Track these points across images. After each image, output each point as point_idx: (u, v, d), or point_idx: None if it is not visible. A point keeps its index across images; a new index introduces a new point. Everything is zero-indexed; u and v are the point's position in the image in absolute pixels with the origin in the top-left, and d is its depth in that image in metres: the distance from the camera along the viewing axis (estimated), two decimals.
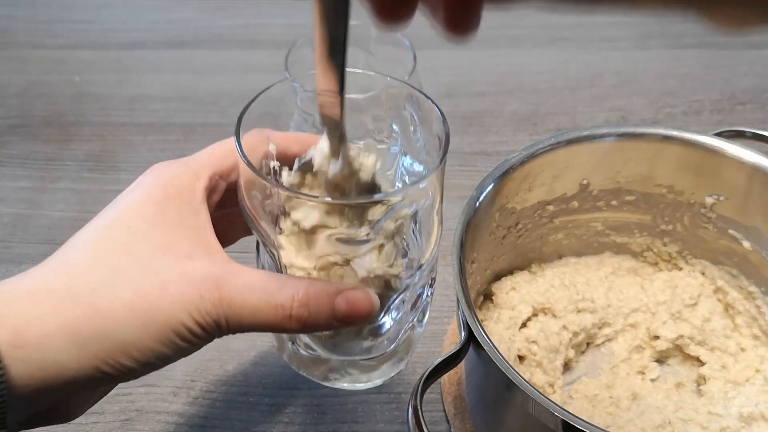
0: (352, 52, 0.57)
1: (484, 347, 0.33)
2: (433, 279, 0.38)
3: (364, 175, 0.30)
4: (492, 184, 0.41)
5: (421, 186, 0.31)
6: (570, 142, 0.43)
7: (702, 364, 0.45)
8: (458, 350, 0.34)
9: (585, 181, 0.46)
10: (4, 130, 0.68)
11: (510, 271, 0.49)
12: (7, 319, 0.26)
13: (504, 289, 0.46)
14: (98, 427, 0.46)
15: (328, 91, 0.27)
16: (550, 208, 0.46)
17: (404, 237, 0.33)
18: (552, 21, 0.82)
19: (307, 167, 0.31)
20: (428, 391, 0.46)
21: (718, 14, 0.23)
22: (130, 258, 0.28)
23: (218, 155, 0.32)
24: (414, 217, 0.33)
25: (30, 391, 0.26)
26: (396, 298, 0.34)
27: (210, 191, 0.32)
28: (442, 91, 0.72)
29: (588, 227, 0.49)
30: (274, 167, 0.34)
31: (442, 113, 0.33)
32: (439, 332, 0.51)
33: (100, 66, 0.76)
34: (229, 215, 0.34)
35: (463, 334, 0.35)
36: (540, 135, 0.67)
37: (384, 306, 0.34)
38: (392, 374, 0.41)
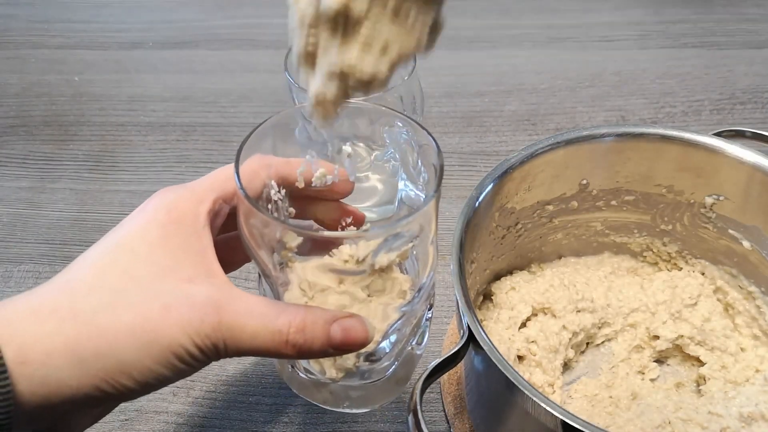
0: None
1: (484, 347, 0.33)
2: (431, 303, 0.38)
3: (380, 261, 0.31)
4: (491, 184, 0.41)
5: (410, 219, 0.31)
6: (569, 142, 0.43)
7: (702, 364, 0.45)
8: (458, 350, 0.34)
9: (584, 181, 0.46)
10: (4, 130, 0.68)
11: (509, 271, 0.49)
12: (12, 337, 0.26)
13: (503, 289, 0.46)
14: (98, 426, 0.45)
15: None
16: (550, 208, 0.46)
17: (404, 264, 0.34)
18: (552, 21, 0.82)
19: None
20: (428, 391, 0.46)
21: None
22: (132, 280, 0.29)
23: (221, 179, 0.33)
24: (412, 247, 0.33)
25: (31, 408, 0.27)
26: (395, 323, 0.34)
27: (213, 215, 0.32)
28: (441, 91, 0.72)
29: (587, 227, 0.49)
30: (273, 195, 0.34)
31: (437, 145, 0.33)
32: (439, 332, 0.51)
33: (99, 66, 0.76)
34: (233, 239, 0.34)
35: (462, 334, 0.34)
36: (539, 135, 0.67)
37: (383, 331, 0.34)
38: (392, 397, 0.41)
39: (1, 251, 0.57)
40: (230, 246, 0.34)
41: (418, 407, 0.32)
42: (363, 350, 0.32)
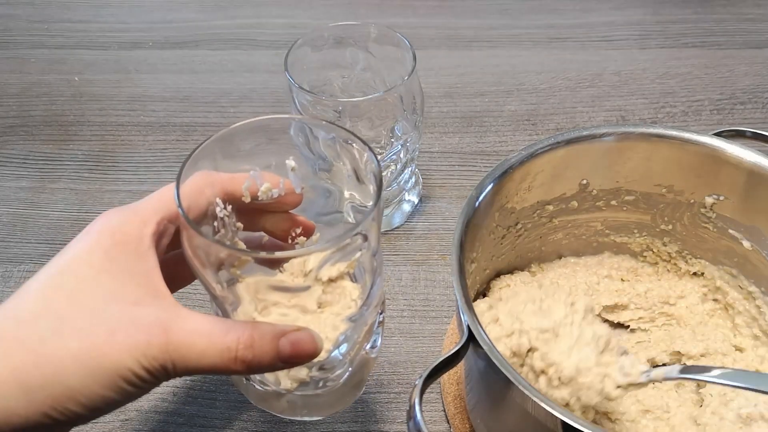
0: (352, 52, 0.58)
1: (484, 347, 0.33)
2: (382, 310, 0.38)
3: (327, 273, 0.32)
4: (491, 184, 0.41)
5: (348, 239, 0.31)
6: (569, 142, 0.43)
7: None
8: (458, 350, 0.34)
9: (584, 181, 0.46)
10: (4, 130, 0.68)
11: (510, 271, 0.49)
12: None
13: (499, 289, 0.46)
14: (98, 427, 0.46)
15: None
16: (550, 207, 0.46)
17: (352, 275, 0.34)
18: (552, 21, 0.82)
19: None
20: (428, 390, 0.46)
21: None
22: (77, 306, 0.29)
23: (166, 199, 0.33)
24: (360, 256, 0.33)
25: None
26: (346, 332, 0.34)
27: (158, 236, 0.32)
28: (441, 91, 0.72)
29: (587, 227, 0.49)
30: (219, 212, 0.34)
31: (375, 156, 0.33)
32: (439, 332, 0.51)
33: (99, 66, 0.76)
34: (182, 254, 0.34)
35: (462, 334, 0.34)
36: (539, 135, 0.67)
37: (334, 340, 0.34)
38: (350, 402, 0.41)
39: (1, 251, 0.57)
40: (180, 261, 0.34)
41: (418, 407, 0.32)
42: (315, 360, 0.32)
